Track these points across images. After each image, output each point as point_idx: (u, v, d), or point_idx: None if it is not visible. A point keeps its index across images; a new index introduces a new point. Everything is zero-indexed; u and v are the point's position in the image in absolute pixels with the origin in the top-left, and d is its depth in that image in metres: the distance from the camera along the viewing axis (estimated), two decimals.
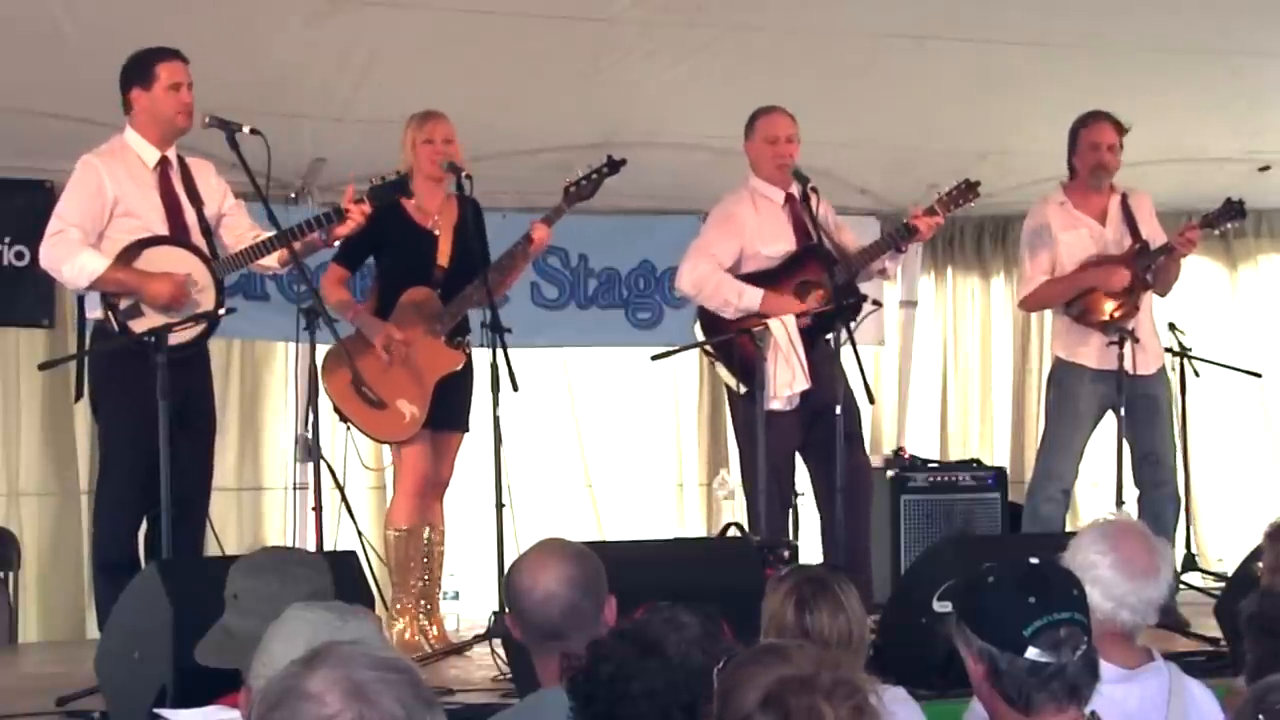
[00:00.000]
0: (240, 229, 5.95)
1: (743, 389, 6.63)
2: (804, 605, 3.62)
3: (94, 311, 5.73)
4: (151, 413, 5.47)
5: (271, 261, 5.96)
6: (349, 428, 6.33)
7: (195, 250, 5.79)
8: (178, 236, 5.77)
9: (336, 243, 6.06)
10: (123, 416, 5.69)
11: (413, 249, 6.29)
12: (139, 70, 5.77)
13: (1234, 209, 7.14)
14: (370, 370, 6.10)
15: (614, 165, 6.46)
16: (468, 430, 6.45)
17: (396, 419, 6.22)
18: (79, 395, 6.01)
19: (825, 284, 6.59)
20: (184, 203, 5.81)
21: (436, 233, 6.32)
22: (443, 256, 6.31)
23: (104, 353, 5.72)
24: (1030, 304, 7.36)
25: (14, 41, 6.70)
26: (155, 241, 5.72)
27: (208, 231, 5.85)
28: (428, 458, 6.30)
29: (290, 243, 5.80)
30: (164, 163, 5.80)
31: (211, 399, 6.04)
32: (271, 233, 5.85)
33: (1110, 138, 6.96)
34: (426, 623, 6.31)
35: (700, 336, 6.82)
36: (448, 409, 6.30)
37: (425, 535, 6.34)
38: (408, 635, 6.20)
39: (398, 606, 6.25)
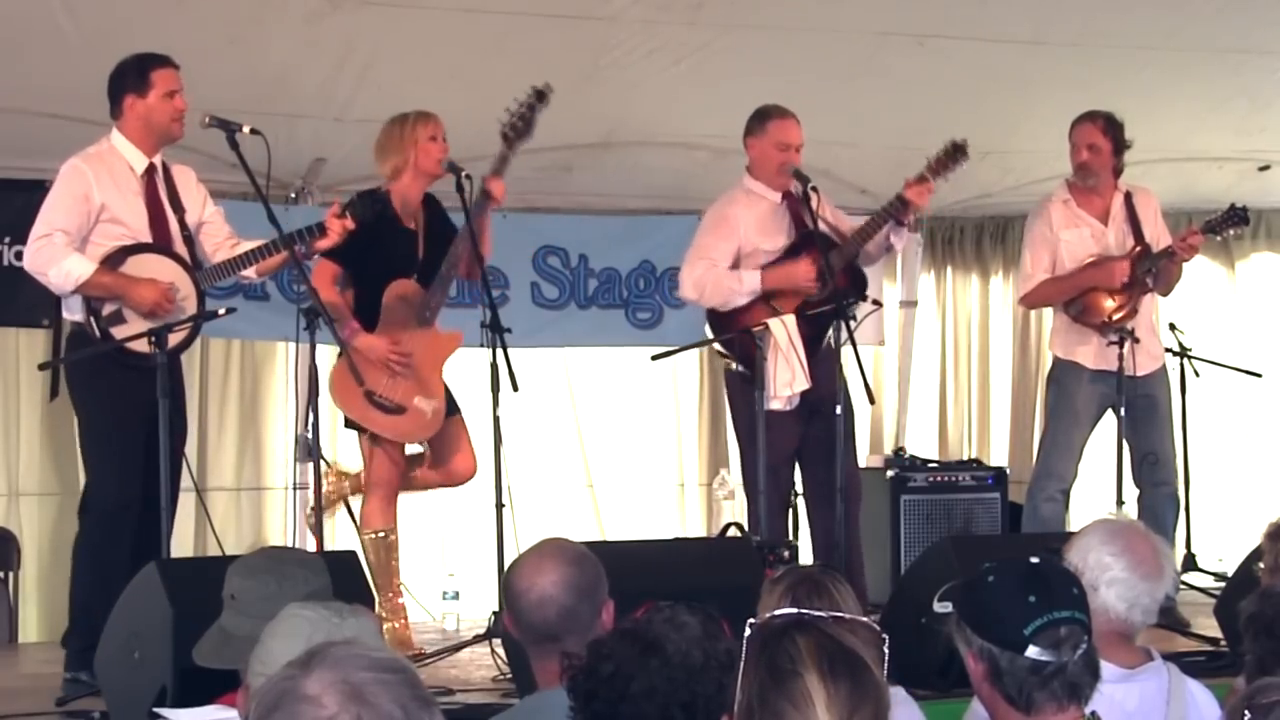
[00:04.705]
0: (219, 237, 5.94)
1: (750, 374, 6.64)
2: (799, 606, 3.61)
3: (74, 314, 5.70)
4: (133, 415, 5.53)
5: (249, 271, 5.98)
6: (371, 437, 6.29)
7: (178, 258, 5.78)
8: (161, 244, 5.76)
9: (316, 256, 6.04)
10: (106, 420, 5.66)
11: (398, 247, 6.28)
12: (133, 77, 5.74)
13: (1237, 215, 7.11)
14: (377, 379, 6.12)
15: (540, 95, 6.22)
16: (459, 411, 6.45)
17: (419, 418, 6.22)
18: (54, 394, 5.98)
19: (827, 280, 6.58)
20: (168, 210, 5.80)
21: (414, 228, 6.34)
22: (420, 250, 6.33)
23: (83, 357, 5.68)
24: (1030, 301, 7.36)
25: (14, 41, 6.70)
26: (139, 249, 5.70)
27: (189, 240, 5.84)
28: (399, 460, 6.30)
29: (271, 255, 5.83)
30: (151, 169, 5.78)
31: (184, 401, 6.02)
32: (251, 243, 5.88)
33: (1090, 137, 6.94)
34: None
35: (709, 335, 6.83)
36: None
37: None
38: (397, 631, 6.19)
39: (387, 607, 6.23)
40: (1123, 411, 6.84)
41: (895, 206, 6.68)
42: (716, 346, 6.86)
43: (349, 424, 6.31)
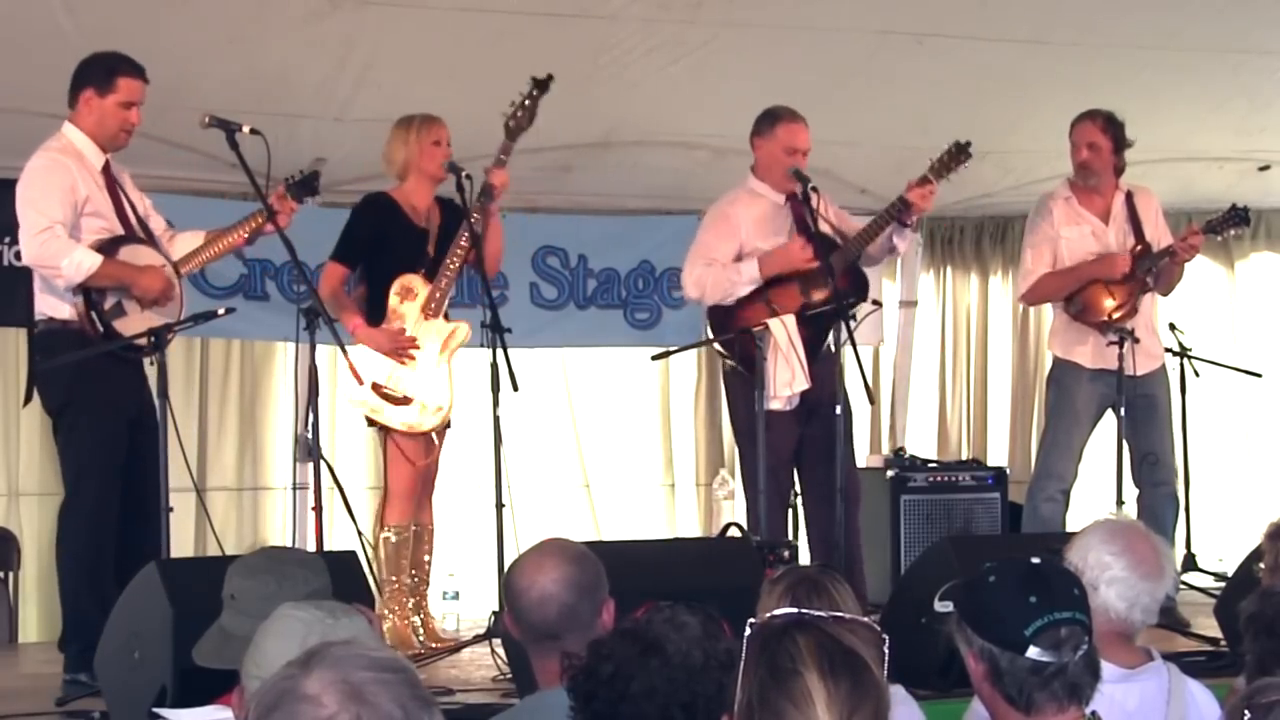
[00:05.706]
0: (158, 230, 5.93)
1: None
2: (799, 606, 3.60)
3: (60, 311, 5.61)
4: (117, 416, 5.55)
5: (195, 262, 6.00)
6: (383, 431, 6.30)
7: (159, 250, 5.78)
8: (136, 236, 5.76)
9: (259, 237, 6.02)
10: (87, 421, 5.61)
11: (410, 247, 6.32)
12: (100, 73, 5.68)
13: (1237, 215, 7.10)
14: (380, 372, 6.18)
15: (541, 84, 6.31)
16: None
17: (424, 408, 6.26)
18: (28, 399, 5.91)
19: (827, 280, 6.58)
20: (126, 205, 5.79)
21: (427, 229, 6.35)
22: (431, 249, 6.35)
23: (90, 355, 5.66)
24: (1030, 297, 7.32)
25: (14, 41, 6.70)
26: (128, 239, 5.69)
27: (148, 233, 5.84)
28: (417, 458, 6.31)
29: (237, 237, 5.88)
30: (106, 165, 5.75)
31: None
32: (194, 233, 5.92)
33: (1090, 136, 6.92)
34: (418, 620, 6.31)
35: (709, 334, 6.83)
36: None
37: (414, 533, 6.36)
38: (399, 629, 6.19)
39: (392, 606, 6.23)
40: (1122, 411, 6.84)
41: (898, 208, 6.67)
42: (716, 346, 6.86)
43: (370, 421, 6.33)
